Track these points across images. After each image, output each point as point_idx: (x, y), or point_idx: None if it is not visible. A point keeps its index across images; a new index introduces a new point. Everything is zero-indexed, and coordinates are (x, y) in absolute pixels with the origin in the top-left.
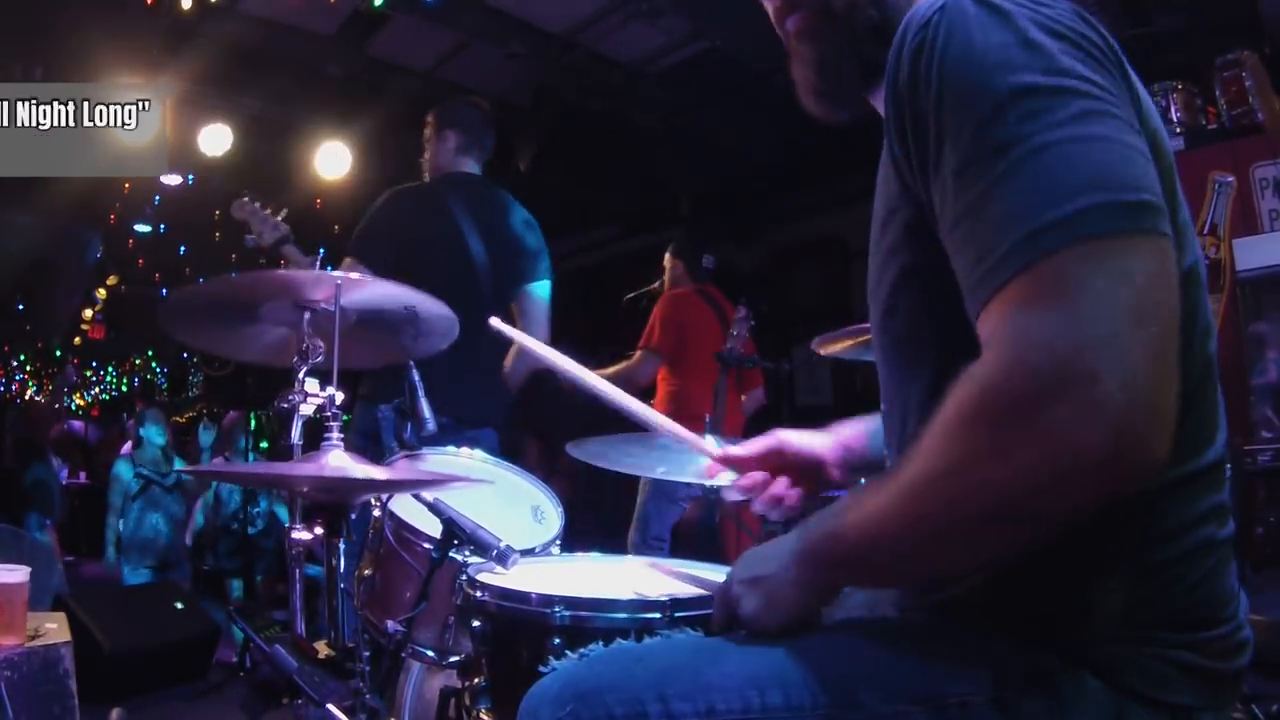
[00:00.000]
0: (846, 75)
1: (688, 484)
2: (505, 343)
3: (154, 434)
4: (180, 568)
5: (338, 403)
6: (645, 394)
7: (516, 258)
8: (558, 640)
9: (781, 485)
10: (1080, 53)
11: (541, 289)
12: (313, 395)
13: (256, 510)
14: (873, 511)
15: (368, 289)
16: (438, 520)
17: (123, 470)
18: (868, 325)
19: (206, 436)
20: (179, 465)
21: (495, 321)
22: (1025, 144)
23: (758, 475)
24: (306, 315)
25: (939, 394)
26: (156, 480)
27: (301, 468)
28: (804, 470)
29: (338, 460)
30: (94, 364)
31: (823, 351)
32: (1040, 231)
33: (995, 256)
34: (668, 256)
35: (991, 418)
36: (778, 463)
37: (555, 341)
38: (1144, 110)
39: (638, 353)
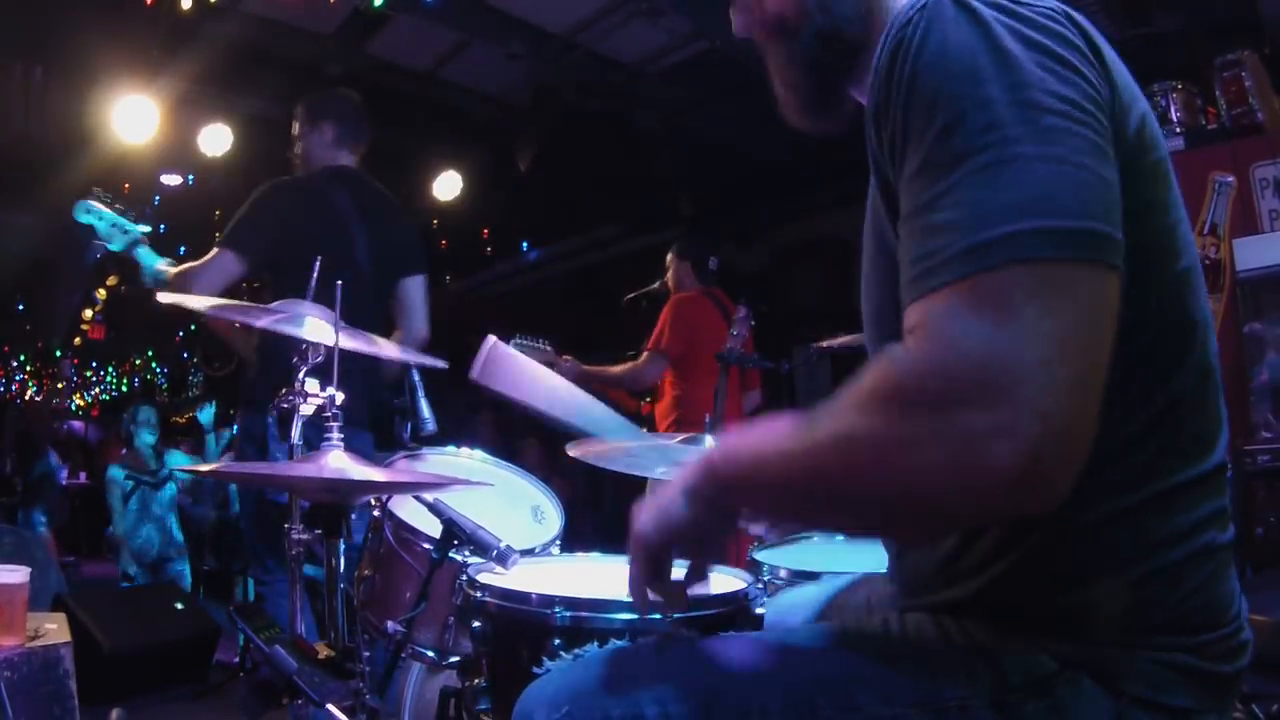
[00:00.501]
0: (814, 86)
1: None
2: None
3: (145, 433)
4: (177, 565)
5: (338, 403)
6: (649, 397)
7: (399, 251)
8: (558, 641)
9: None
10: (1053, 62)
11: (421, 281)
12: (313, 395)
13: None
14: (776, 448)
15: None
16: (438, 520)
17: (115, 473)
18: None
19: (206, 415)
20: (183, 463)
21: (492, 339)
22: (980, 156)
23: None
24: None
25: None
26: (145, 480)
27: (301, 468)
28: None
29: (337, 460)
30: (94, 364)
31: (824, 344)
32: (980, 247)
33: (933, 261)
34: (671, 258)
35: (906, 403)
36: None
37: (555, 342)
38: (1124, 103)
39: (645, 354)
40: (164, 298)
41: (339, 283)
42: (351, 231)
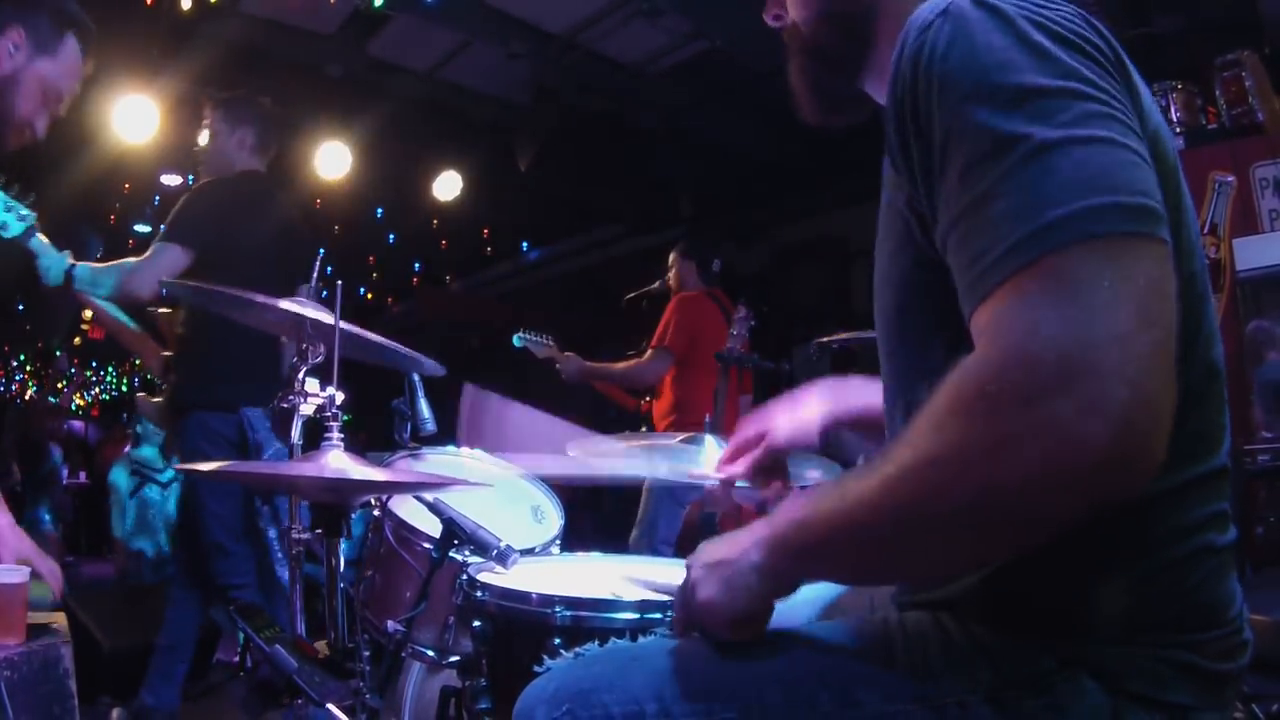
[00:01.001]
0: (821, 88)
1: (690, 485)
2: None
3: (151, 429)
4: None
5: (338, 403)
6: (648, 396)
7: (302, 258)
8: (558, 640)
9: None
10: (1082, 55)
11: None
12: (312, 395)
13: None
14: (846, 499)
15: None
16: (438, 520)
17: (118, 474)
18: (868, 327)
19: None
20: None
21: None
22: (1028, 143)
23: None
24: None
25: (916, 390)
26: (152, 477)
27: (301, 467)
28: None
29: (338, 460)
30: (94, 364)
31: (824, 340)
32: (1043, 230)
33: (996, 253)
34: (675, 258)
35: (987, 408)
36: (776, 470)
37: (555, 342)
38: (1145, 111)
39: (649, 351)
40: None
41: (339, 283)
42: (272, 235)
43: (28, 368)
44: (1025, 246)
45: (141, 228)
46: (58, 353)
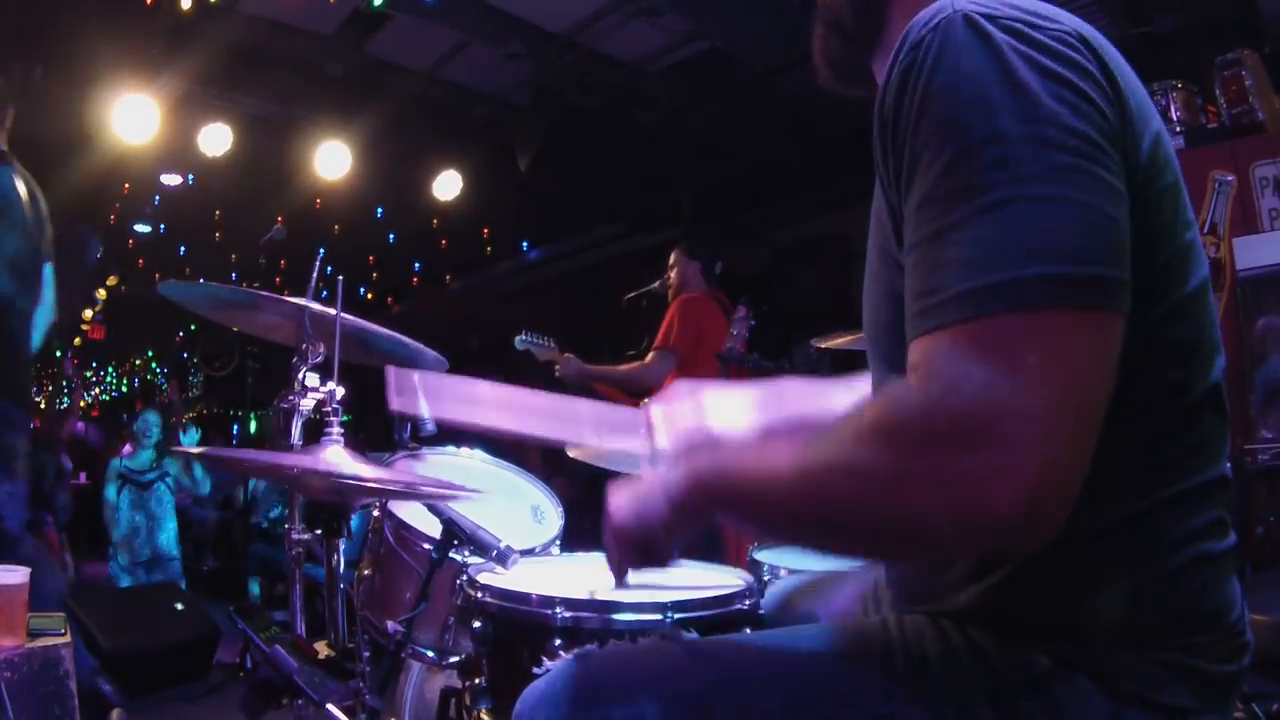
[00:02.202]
0: (836, 55)
1: None
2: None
3: (150, 433)
4: (168, 566)
5: (338, 398)
6: (647, 396)
7: (45, 238)
8: (558, 641)
9: None
10: (1068, 91)
11: (51, 269)
12: (312, 390)
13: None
14: (764, 465)
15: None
16: (438, 520)
17: (110, 472)
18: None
19: (190, 439)
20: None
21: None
22: (988, 194)
23: None
24: (307, 316)
25: None
26: (134, 477)
27: (300, 461)
28: None
29: (336, 456)
30: (94, 364)
31: (823, 345)
32: (984, 291)
33: (937, 298)
34: (679, 257)
35: (907, 443)
36: None
37: (555, 342)
38: (1137, 125)
39: (652, 352)
40: None
41: (340, 278)
42: (32, 214)
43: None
44: (963, 303)
45: (141, 228)
46: (57, 353)
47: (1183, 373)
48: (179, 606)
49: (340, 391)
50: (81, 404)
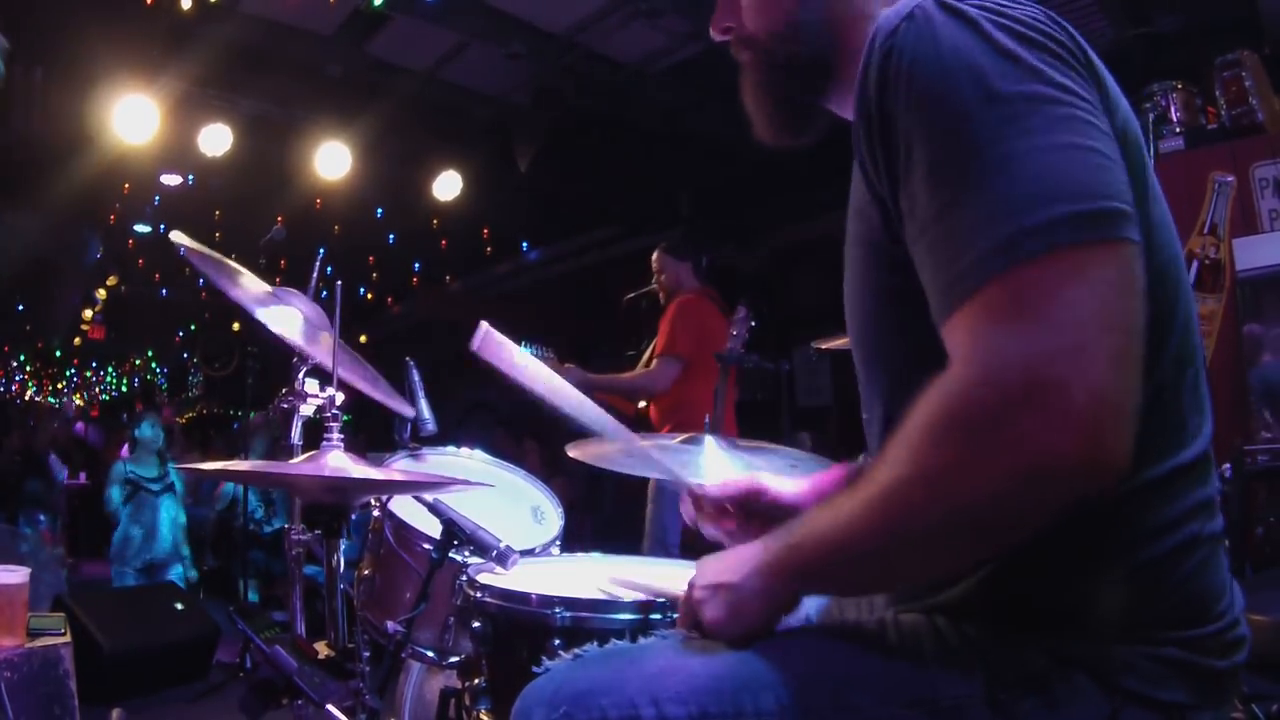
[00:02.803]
0: (784, 109)
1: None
2: None
3: (149, 438)
4: (170, 569)
5: (338, 403)
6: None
7: None
8: (558, 641)
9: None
10: (1048, 55)
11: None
12: (312, 396)
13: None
14: (836, 521)
15: None
16: (438, 521)
17: (115, 475)
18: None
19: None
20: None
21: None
22: (992, 152)
23: (727, 521)
24: (305, 316)
25: (894, 398)
26: (145, 485)
27: (301, 467)
28: (776, 518)
29: (338, 461)
30: (94, 364)
31: (824, 347)
32: (1008, 244)
33: (962, 265)
34: (665, 259)
35: (960, 429)
36: (752, 507)
37: (555, 341)
38: (1113, 102)
39: (656, 359)
40: None
41: (339, 283)
42: None
43: (28, 368)
44: (989, 261)
45: (141, 228)
46: (57, 353)
47: (1155, 345)
48: (179, 606)
49: (340, 397)
50: (81, 402)
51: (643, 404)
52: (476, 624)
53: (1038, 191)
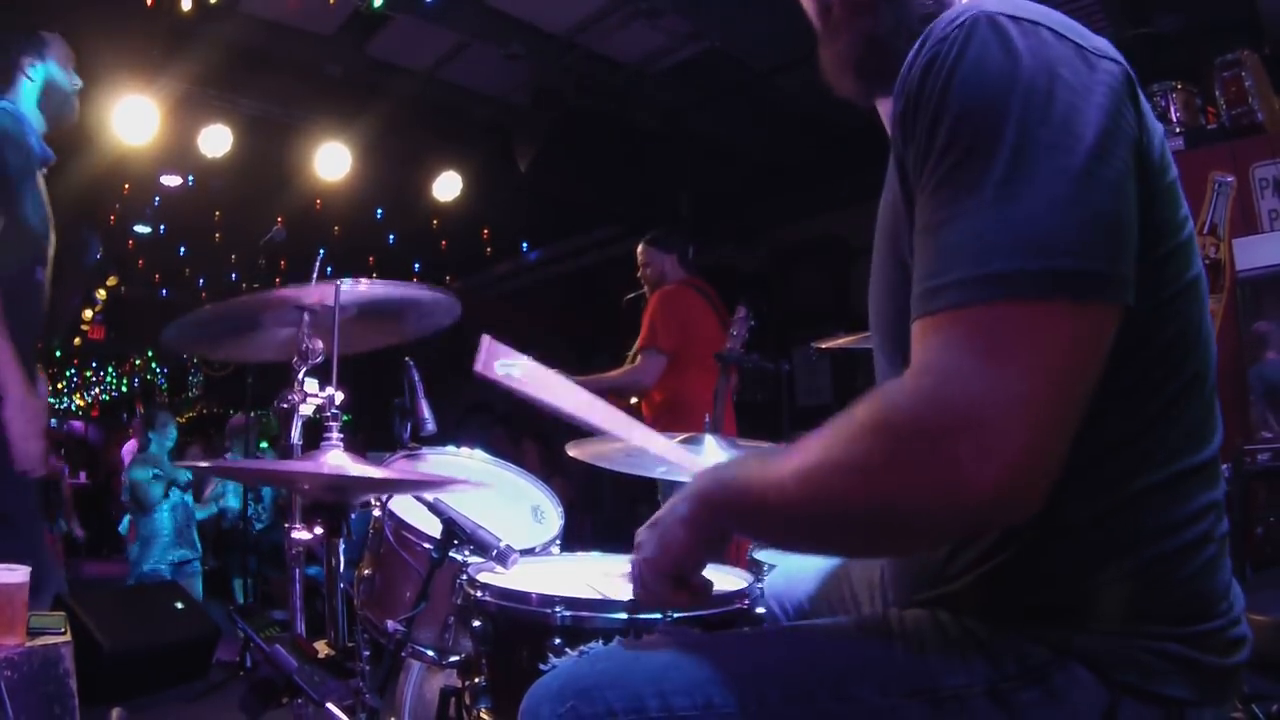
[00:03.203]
0: (882, 60)
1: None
2: None
3: (167, 436)
4: (195, 565)
5: (338, 403)
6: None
7: None
8: (558, 640)
9: None
10: (1085, 92)
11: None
12: (312, 395)
13: (261, 506)
14: (765, 477)
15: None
16: (438, 520)
17: (140, 474)
18: (868, 330)
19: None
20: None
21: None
22: (998, 188)
23: None
24: (306, 315)
25: None
26: (176, 482)
27: (301, 466)
28: None
29: (337, 460)
30: (94, 364)
31: (824, 347)
32: (982, 279)
33: (936, 282)
34: (650, 252)
35: (898, 435)
36: None
37: (555, 342)
38: (1148, 127)
39: (639, 355)
40: None
41: (339, 283)
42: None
43: None
44: (959, 289)
45: (141, 228)
46: (57, 353)
47: (1175, 361)
48: (179, 606)
49: (339, 396)
50: (81, 402)
51: (634, 401)
52: (476, 623)
53: (1026, 236)
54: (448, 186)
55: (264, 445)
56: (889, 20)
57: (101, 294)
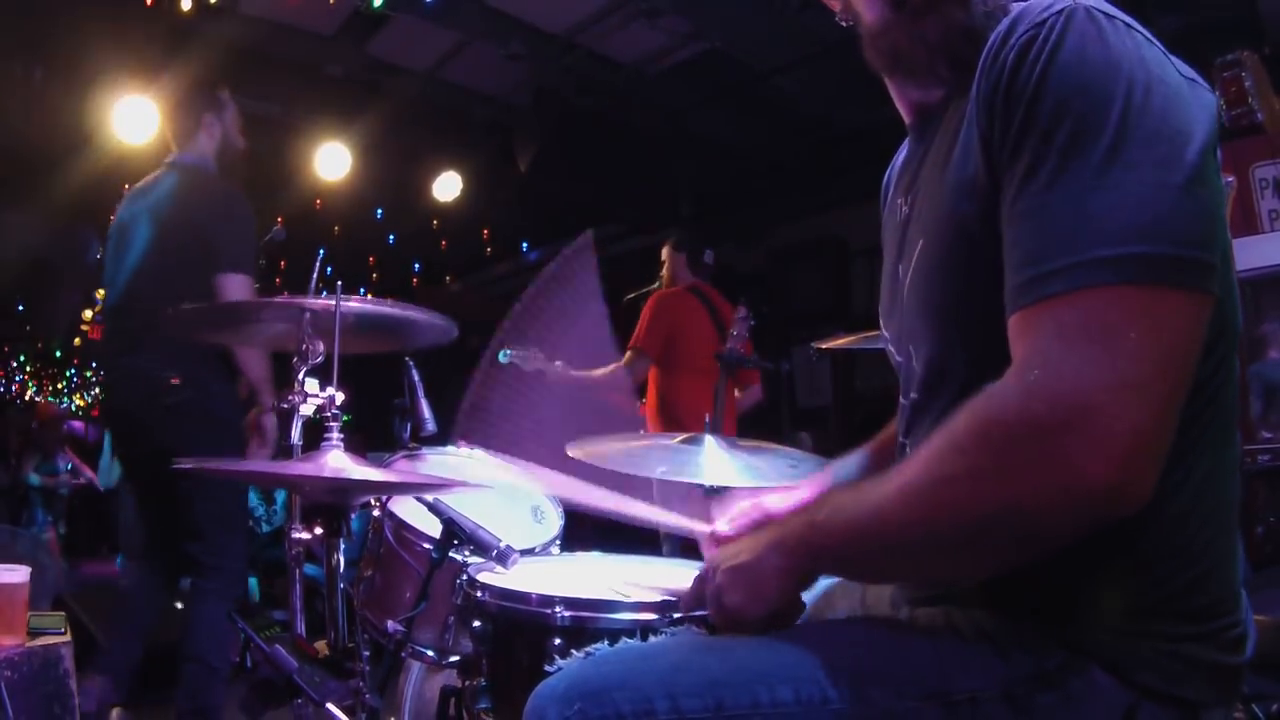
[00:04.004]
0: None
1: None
2: None
3: None
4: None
5: (338, 403)
6: (643, 398)
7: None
8: (558, 640)
9: None
10: (1175, 95)
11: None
12: (312, 395)
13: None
14: (864, 506)
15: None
16: (438, 520)
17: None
18: (869, 330)
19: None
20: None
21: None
22: (1101, 173)
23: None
24: (307, 314)
25: (978, 374)
26: None
27: (301, 467)
28: None
29: (337, 460)
30: (94, 364)
31: (824, 347)
32: (1088, 264)
33: (1040, 270)
34: (669, 251)
35: (1006, 436)
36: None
37: (540, 348)
38: (1214, 131)
39: (628, 352)
40: None
41: (339, 283)
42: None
43: (28, 368)
44: (1067, 276)
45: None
46: (57, 353)
47: (1214, 362)
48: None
49: (340, 397)
50: (81, 402)
51: (642, 403)
52: (476, 623)
53: (1132, 223)
54: (448, 186)
55: None
56: (980, 9)
57: (101, 294)
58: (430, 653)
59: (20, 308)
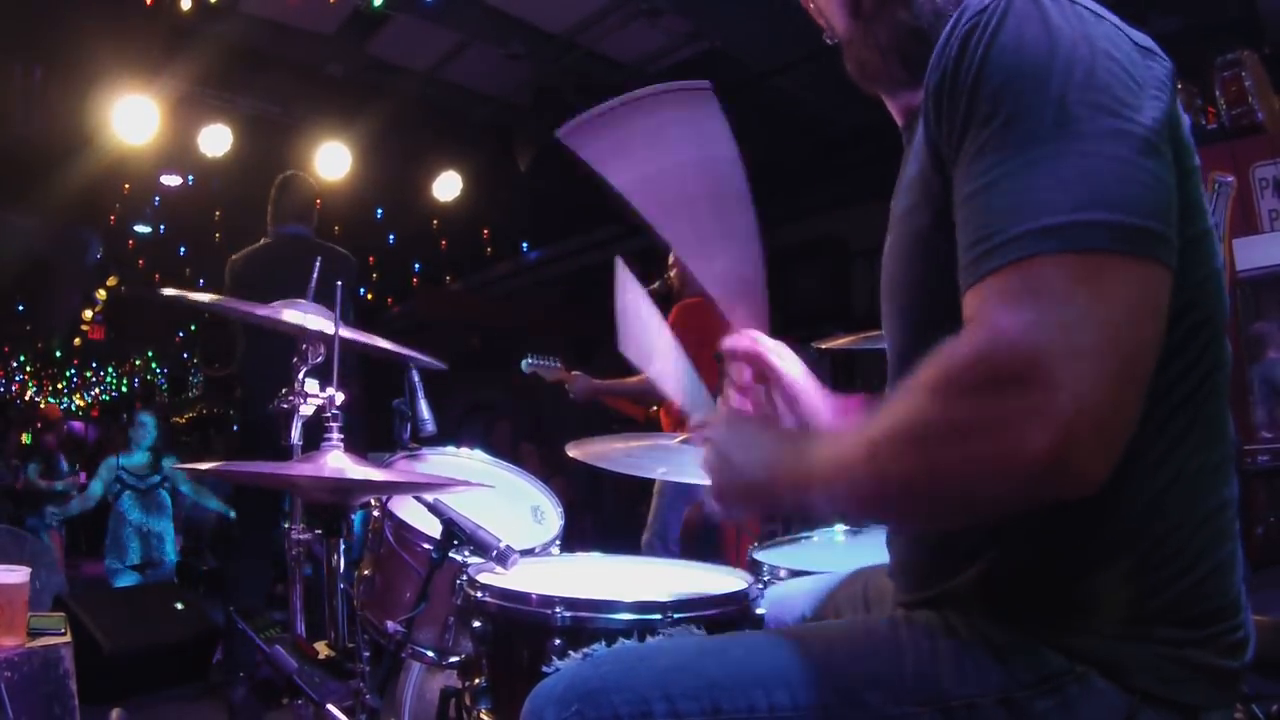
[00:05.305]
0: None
1: (696, 485)
2: None
3: (143, 437)
4: (162, 568)
5: (338, 403)
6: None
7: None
8: (558, 641)
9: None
10: (1120, 68)
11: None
12: (312, 396)
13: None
14: (838, 458)
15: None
16: (438, 520)
17: (104, 473)
18: (869, 330)
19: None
20: (170, 463)
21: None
22: (1044, 146)
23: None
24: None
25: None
26: (133, 484)
27: (301, 468)
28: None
29: (337, 461)
30: (94, 364)
31: (824, 347)
32: (1035, 233)
33: (990, 244)
34: (675, 256)
35: (953, 393)
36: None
37: (554, 342)
38: (1177, 110)
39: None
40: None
41: (339, 283)
42: None
43: (28, 368)
44: (1015, 245)
45: (141, 228)
46: (57, 354)
47: (1195, 354)
48: (179, 606)
49: (340, 397)
50: (81, 402)
51: (653, 409)
52: (476, 624)
53: (1079, 192)
54: (448, 186)
55: None
56: (928, 8)
57: (101, 294)
58: (430, 653)
59: (20, 308)
